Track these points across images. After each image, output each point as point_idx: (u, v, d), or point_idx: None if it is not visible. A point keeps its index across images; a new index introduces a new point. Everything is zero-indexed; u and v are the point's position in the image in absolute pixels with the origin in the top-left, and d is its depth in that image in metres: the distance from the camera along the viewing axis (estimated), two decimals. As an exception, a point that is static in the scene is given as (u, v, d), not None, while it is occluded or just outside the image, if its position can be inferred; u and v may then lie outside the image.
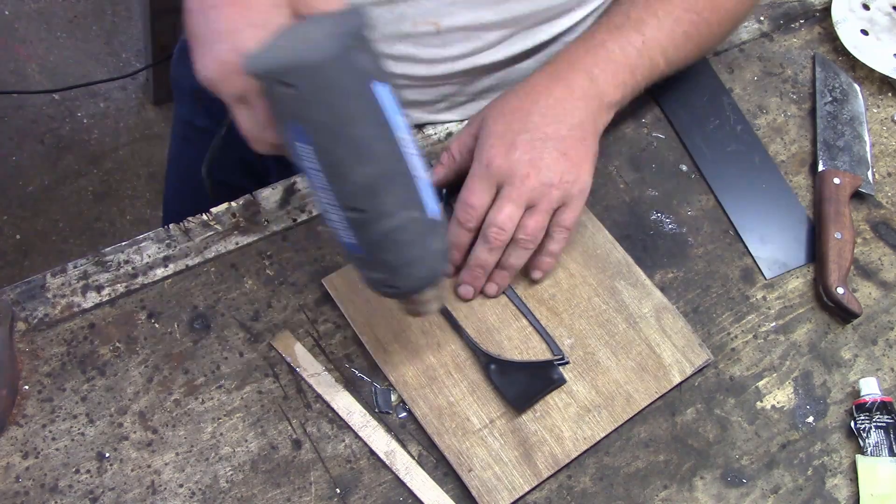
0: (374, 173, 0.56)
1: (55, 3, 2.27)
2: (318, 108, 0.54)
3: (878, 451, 0.73)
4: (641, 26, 0.79)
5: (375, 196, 0.57)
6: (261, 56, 0.55)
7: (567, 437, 0.71)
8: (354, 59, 0.54)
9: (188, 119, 1.06)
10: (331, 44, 0.53)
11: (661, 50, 0.79)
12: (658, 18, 0.79)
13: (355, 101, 0.55)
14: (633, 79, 0.78)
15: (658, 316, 0.77)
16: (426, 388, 0.72)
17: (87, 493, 0.66)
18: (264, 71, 0.53)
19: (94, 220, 2.00)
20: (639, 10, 0.80)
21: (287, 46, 0.54)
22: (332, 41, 0.53)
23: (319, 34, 0.55)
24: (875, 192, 0.89)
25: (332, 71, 0.53)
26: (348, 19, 0.56)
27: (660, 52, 0.79)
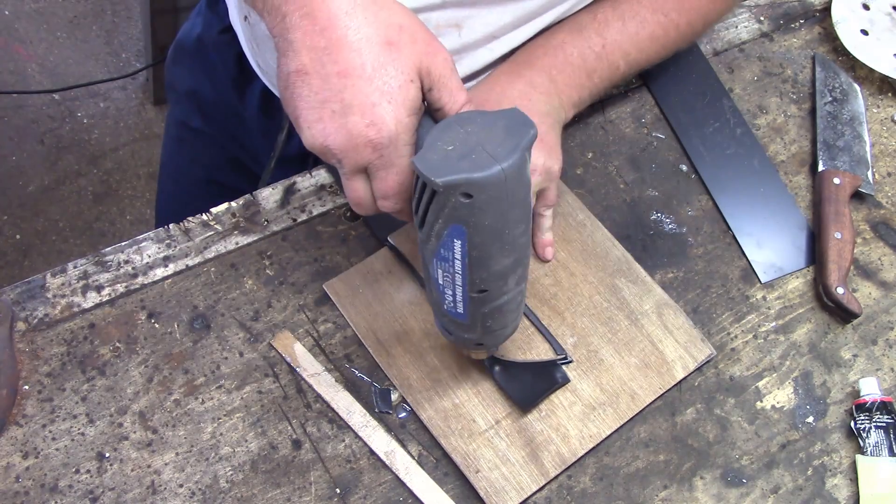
0: (511, 262, 0.60)
1: (55, 3, 2.27)
2: (486, 214, 0.56)
3: (878, 451, 0.73)
4: (604, 29, 0.79)
5: (504, 280, 0.60)
6: (433, 162, 0.56)
7: (573, 436, 0.71)
8: (526, 171, 0.57)
9: (183, 120, 1.05)
10: (513, 159, 0.55)
11: (623, 54, 0.80)
12: (623, 21, 0.80)
13: (520, 207, 0.57)
14: (590, 81, 0.79)
15: (660, 312, 0.77)
16: (431, 390, 0.72)
17: (87, 493, 0.66)
18: (449, 182, 0.54)
19: (94, 220, 2.01)
20: (605, 11, 0.80)
21: (463, 156, 0.56)
22: (513, 156, 0.55)
23: (498, 144, 0.56)
24: (875, 192, 0.89)
25: (510, 184, 0.55)
26: (518, 125, 0.57)
27: (620, 55, 0.80)
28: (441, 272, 0.60)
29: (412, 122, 0.59)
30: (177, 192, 1.13)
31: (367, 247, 0.79)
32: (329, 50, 0.57)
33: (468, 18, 0.76)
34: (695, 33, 0.85)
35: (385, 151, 0.58)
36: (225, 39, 0.95)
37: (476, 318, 0.63)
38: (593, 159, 0.87)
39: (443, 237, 0.58)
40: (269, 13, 0.59)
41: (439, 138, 0.57)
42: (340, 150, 0.58)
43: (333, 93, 0.57)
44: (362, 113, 0.57)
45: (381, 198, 0.61)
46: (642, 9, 0.80)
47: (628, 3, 0.80)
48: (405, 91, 0.57)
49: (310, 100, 0.57)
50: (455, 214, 0.56)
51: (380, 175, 0.60)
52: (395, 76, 0.57)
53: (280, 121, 0.95)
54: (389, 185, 0.60)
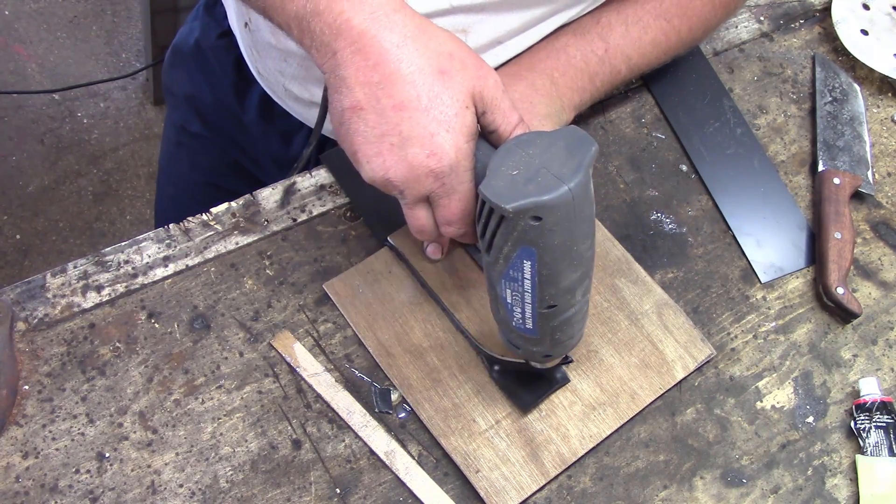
0: (578, 276, 0.60)
1: (55, 3, 2.27)
2: (556, 234, 0.56)
3: (878, 451, 0.73)
4: (607, 33, 0.80)
5: (572, 294, 0.61)
6: (500, 188, 0.56)
7: (573, 436, 0.71)
8: (591, 188, 0.58)
9: (181, 124, 1.05)
10: (579, 178, 0.56)
11: (625, 58, 0.80)
12: (626, 25, 0.80)
13: (587, 224, 0.58)
14: (592, 85, 0.80)
15: (659, 312, 0.77)
16: (431, 390, 0.72)
17: (87, 493, 0.66)
18: (519, 208, 0.55)
19: (94, 220, 2.01)
20: (609, 15, 0.81)
21: (529, 179, 0.56)
22: (578, 175, 0.56)
23: (561, 165, 0.56)
24: (875, 192, 0.89)
25: (577, 203, 0.56)
26: (578, 143, 0.58)
27: (623, 60, 0.80)
28: (510, 292, 0.61)
29: (470, 147, 0.60)
30: (176, 195, 1.13)
31: (367, 247, 0.79)
32: (383, 84, 0.57)
33: (475, 24, 0.76)
34: (695, 39, 0.86)
35: (447, 179, 0.59)
36: (223, 44, 0.95)
37: (545, 332, 0.63)
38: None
39: (512, 259, 0.58)
40: (319, 50, 0.60)
41: (503, 164, 0.58)
42: (402, 182, 0.59)
43: (391, 126, 0.58)
44: (421, 144, 0.58)
45: (444, 224, 0.62)
46: (645, 14, 0.81)
47: (632, 7, 0.81)
48: (461, 118, 0.58)
49: (367, 135, 0.58)
50: (525, 237, 0.57)
51: (442, 203, 0.61)
52: (451, 104, 0.58)
53: (279, 126, 0.95)
54: (453, 212, 0.61)
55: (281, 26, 0.63)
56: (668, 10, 0.81)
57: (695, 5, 0.82)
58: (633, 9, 0.81)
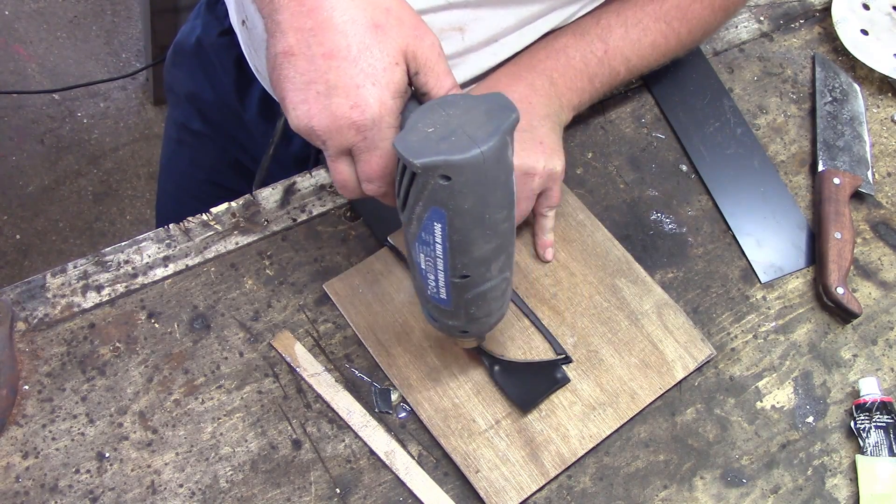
0: (493, 248, 0.59)
1: (55, 3, 2.27)
2: (466, 198, 0.56)
3: (877, 451, 0.73)
4: (607, 34, 0.80)
5: (486, 266, 0.60)
6: (413, 143, 0.56)
7: (573, 436, 0.71)
8: (507, 154, 0.57)
9: (182, 122, 1.05)
10: (493, 142, 0.55)
11: (624, 60, 0.80)
12: (626, 27, 0.80)
13: (500, 191, 0.57)
14: (591, 86, 0.80)
15: (659, 312, 0.77)
16: (430, 390, 0.72)
17: (87, 493, 0.66)
18: (427, 164, 0.54)
19: (94, 220, 2.01)
20: (609, 16, 0.81)
21: (443, 138, 0.55)
22: (493, 139, 0.55)
23: (478, 127, 0.56)
24: (875, 192, 0.89)
25: (489, 167, 0.55)
26: (500, 109, 0.57)
27: (622, 61, 0.80)
28: (423, 256, 0.60)
29: (396, 104, 0.59)
30: (177, 193, 1.13)
31: (367, 247, 0.79)
32: (315, 31, 0.57)
33: (471, 21, 0.76)
34: (695, 42, 0.86)
35: (368, 133, 0.58)
36: (224, 42, 0.95)
37: (459, 304, 0.63)
38: (593, 159, 0.87)
39: (423, 220, 0.58)
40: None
41: (420, 120, 0.57)
42: (324, 132, 0.58)
43: (318, 74, 0.57)
44: (346, 94, 0.57)
45: (365, 181, 0.61)
46: (645, 16, 0.81)
47: (632, 10, 0.81)
48: (390, 73, 0.57)
49: (296, 81, 0.57)
50: (434, 197, 0.56)
51: (363, 158, 0.60)
52: (380, 58, 0.57)
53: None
54: (373, 168, 0.60)
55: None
56: (667, 12, 0.81)
57: (694, 9, 0.82)
58: (633, 11, 0.81)
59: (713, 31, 0.88)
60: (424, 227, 0.58)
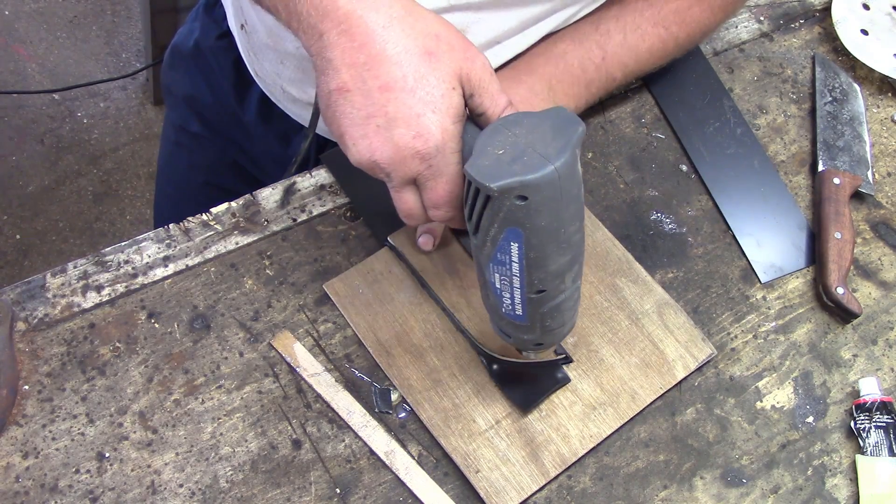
0: (567, 261, 0.60)
1: (55, 3, 2.27)
2: (542, 215, 0.56)
3: (877, 451, 0.73)
4: (606, 41, 0.80)
5: (561, 278, 0.60)
6: (485, 167, 0.56)
7: (574, 436, 0.71)
8: (578, 168, 0.57)
9: (180, 124, 1.05)
10: (565, 157, 0.55)
11: (621, 66, 0.81)
12: (624, 33, 0.80)
13: (574, 205, 0.57)
14: (587, 92, 0.81)
15: (660, 312, 0.77)
16: (431, 390, 0.72)
17: (87, 493, 0.66)
18: (504, 186, 0.55)
19: (94, 220, 2.01)
20: (608, 22, 0.81)
21: (515, 159, 0.56)
22: (564, 154, 0.55)
23: (547, 144, 0.56)
24: (875, 192, 0.89)
25: (563, 183, 0.55)
26: (565, 123, 0.57)
27: (619, 67, 0.81)
28: (498, 276, 0.61)
29: (457, 129, 0.59)
30: (175, 195, 1.13)
31: (367, 247, 0.79)
32: (369, 65, 0.57)
33: (473, 24, 0.76)
34: (693, 44, 0.86)
35: (433, 161, 0.59)
36: (223, 45, 0.95)
37: (535, 318, 0.63)
38: (593, 159, 0.87)
39: (499, 241, 0.58)
40: (306, 32, 0.59)
41: (489, 143, 0.57)
42: (389, 164, 0.59)
43: (377, 107, 0.57)
44: (407, 125, 0.57)
45: (432, 207, 0.62)
46: (644, 21, 0.81)
47: (631, 15, 0.81)
48: (448, 99, 0.58)
49: (353, 116, 0.58)
50: (511, 217, 0.56)
51: (429, 185, 0.60)
52: (437, 85, 0.57)
53: (278, 127, 0.95)
54: (440, 195, 0.61)
55: (269, 10, 0.63)
56: (666, 17, 0.81)
57: (693, 12, 0.82)
58: (633, 16, 0.81)
59: (712, 32, 0.88)
60: (500, 248, 0.58)
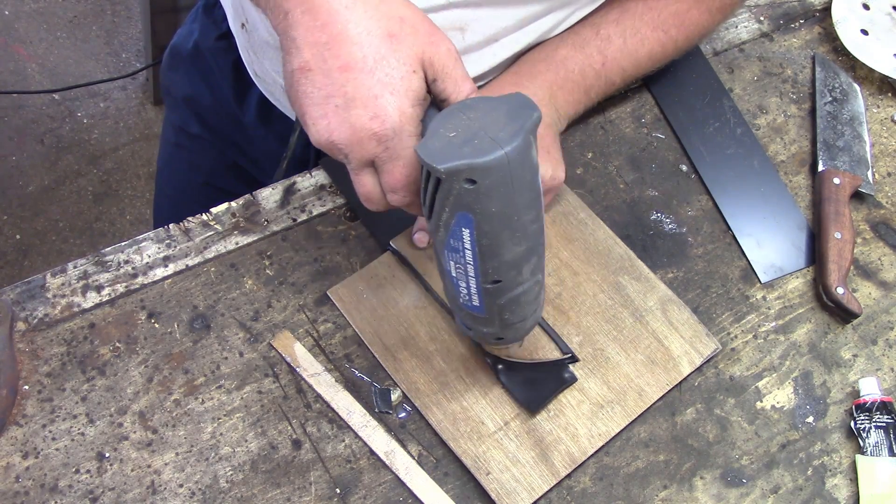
0: (523, 251, 0.59)
1: (55, 3, 2.27)
2: (493, 200, 0.55)
3: (878, 451, 0.73)
4: (606, 46, 0.80)
5: (518, 269, 0.60)
6: (436, 149, 0.55)
7: (582, 435, 0.71)
8: (532, 154, 0.56)
9: (180, 125, 1.05)
10: (516, 143, 0.54)
11: (620, 71, 0.81)
12: (624, 38, 0.80)
13: (527, 192, 0.57)
14: (587, 97, 0.81)
15: (664, 308, 0.77)
16: (438, 393, 0.72)
17: (87, 493, 0.66)
18: (451, 169, 0.54)
19: (94, 220, 2.01)
20: (608, 27, 0.81)
21: (466, 141, 0.55)
22: (516, 139, 0.54)
23: (500, 129, 0.55)
24: (875, 192, 0.89)
25: (514, 168, 0.54)
26: (521, 109, 0.57)
27: (618, 72, 0.81)
28: (453, 264, 0.60)
29: (416, 112, 0.59)
30: (175, 196, 1.13)
31: (367, 247, 0.79)
32: (330, 45, 0.57)
33: (472, 21, 0.76)
34: (691, 46, 0.87)
35: (390, 143, 0.58)
36: (222, 46, 0.95)
37: (493, 310, 0.62)
38: (593, 159, 0.87)
39: (451, 227, 0.57)
40: (272, 11, 0.59)
41: (442, 125, 0.57)
42: (346, 145, 0.58)
43: (336, 87, 0.57)
44: (365, 106, 0.57)
45: (389, 191, 0.61)
46: (643, 26, 0.81)
47: (630, 19, 0.81)
48: (407, 82, 0.57)
49: (314, 96, 0.57)
50: (461, 202, 0.55)
51: (387, 168, 0.60)
52: (397, 67, 0.57)
53: (278, 128, 0.94)
54: (397, 178, 0.60)
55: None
56: (665, 21, 0.82)
57: (692, 15, 0.82)
58: (632, 21, 0.81)
59: (710, 34, 0.88)
60: (452, 233, 0.58)
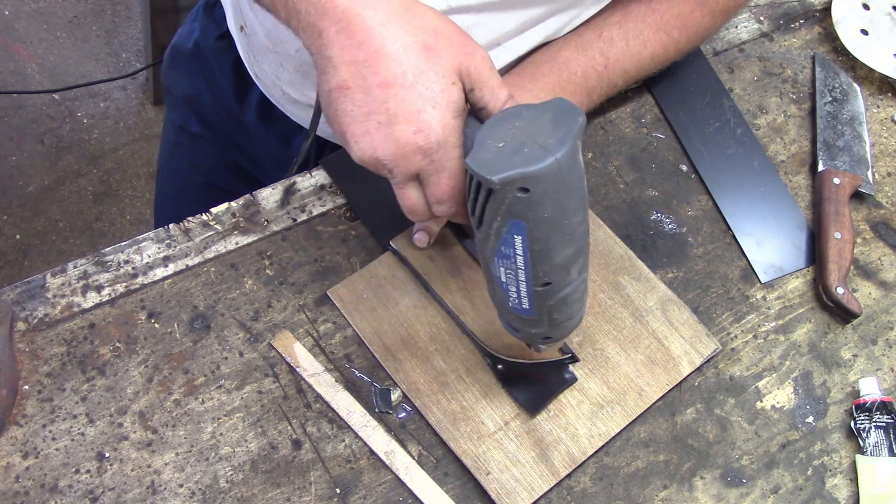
0: (572, 252, 0.59)
1: (55, 3, 2.27)
2: (545, 207, 0.56)
3: (877, 451, 0.73)
4: (609, 48, 0.80)
5: (567, 270, 0.60)
6: (487, 160, 0.56)
7: (582, 435, 0.71)
8: (580, 159, 0.57)
9: (180, 125, 1.05)
10: (566, 149, 0.55)
11: (622, 72, 0.81)
12: (627, 40, 0.80)
13: (576, 196, 0.57)
14: (589, 99, 0.81)
15: (664, 308, 0.77)
16: (438, 393, 0.72)
17: (87, 493, 0.66)
18: (505, 179, 0.54)
19: (94, 220, 2.01)
20: (611, 29, 0.81)
21: (516, 151, 0.55)
22: (565, 145, 0.55)
23: (548, 136, 0.56)
24: (875, 192, 0.89)
25: (565, 174, 0.55)
26: (565, 114, 0.57)
27: (620, 74, 0.81)
28: (503, 270, 0.60)
29: (458, 124, 0.59)
30: (175, 195, 1.13)
31: (367, 247, 0.79)
32: (368, 62, 0.57)
33: (474, 26, 0.76)
34: (693, 48, 0.87)
35: (435, 156, 0.59)
36: (222, 45, 0.95)
37: (542, 311, 0.63)
38: (593, 159, 0.87)
39: (503, 235, 0.58)
40: (305, 31, 0.59)
41: (489, 136, 0.57)
42: (391, 160, 0.59)
43: (377, 104, 0.57)
44: (408, 121, 0.57)
45: (435, 203, 0.62)
46: (646, 28, 0.81)
47: (633, 21, 0.81)
48: (448, 94, 0.58)
49: (354, 114, 0.58)
50: (513, 210, 0.56)
51: (432, 181, 0.60)
52: (437, 80, 0.58)
53: (279, 128, 0.94)
54: (443, 190, 0.61)
55: (268, 9, 0.62)
56: (668, 23, 0.81)
57: (695, 17, 0.82)
58: (635, 23, 0.81)
59: (712, 35, 0.88)
60: (504, 241, 0.58)
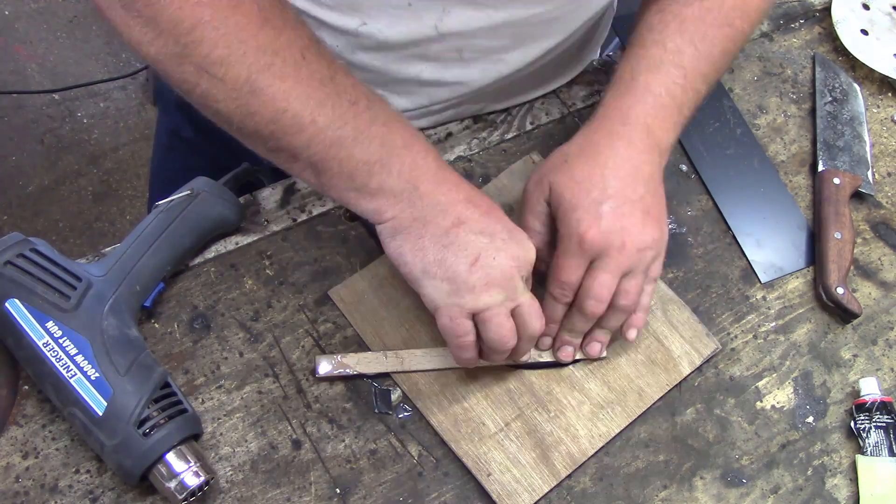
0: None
1: (55, 3, 2.27)
2: None
3: (878, 451, 0.73)
4: (680, 58, 0.75)
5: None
6: None
7: (583, 436, 0.71)
8: None
9: (173, 129, 1.05)
10: None
11: (703, 78, 0.77)
12: (695, 45, 0.76)
13: None
14: (681, 116, 0.76)
15: (664, 308, 0.77)
16: (439, 394, 0.72)
17: (87, 493, 0.66)
18: None
19: (94, 220, 2.01)
20: (675, 39, 0.76)
21: None
22: None
23: None
24: (875, 192, 0.89)
25: None
26: None
27: (701, 80, 0.77)
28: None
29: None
30: None
31: (367, 247, 0.79)
32: (471, 199, 0.66)
33: (466, 47, 0.76)
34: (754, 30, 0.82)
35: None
36: None
37: None
38: (593, 159, 0.87)
39: None
40: (393, 189, 0.64)
41: None
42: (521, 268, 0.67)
43: (493, 225, 0.66)
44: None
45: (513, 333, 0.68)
46: (709, 27, 0.76)
47: (693, 24, 0.76)
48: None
49: (480, 240, 0.65)
50: None
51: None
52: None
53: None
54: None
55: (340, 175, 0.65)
56: (727, 14, 0.77)
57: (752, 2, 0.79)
58: (695, 25, 0.76)
59: (766, 16, 0.85)
60: None
